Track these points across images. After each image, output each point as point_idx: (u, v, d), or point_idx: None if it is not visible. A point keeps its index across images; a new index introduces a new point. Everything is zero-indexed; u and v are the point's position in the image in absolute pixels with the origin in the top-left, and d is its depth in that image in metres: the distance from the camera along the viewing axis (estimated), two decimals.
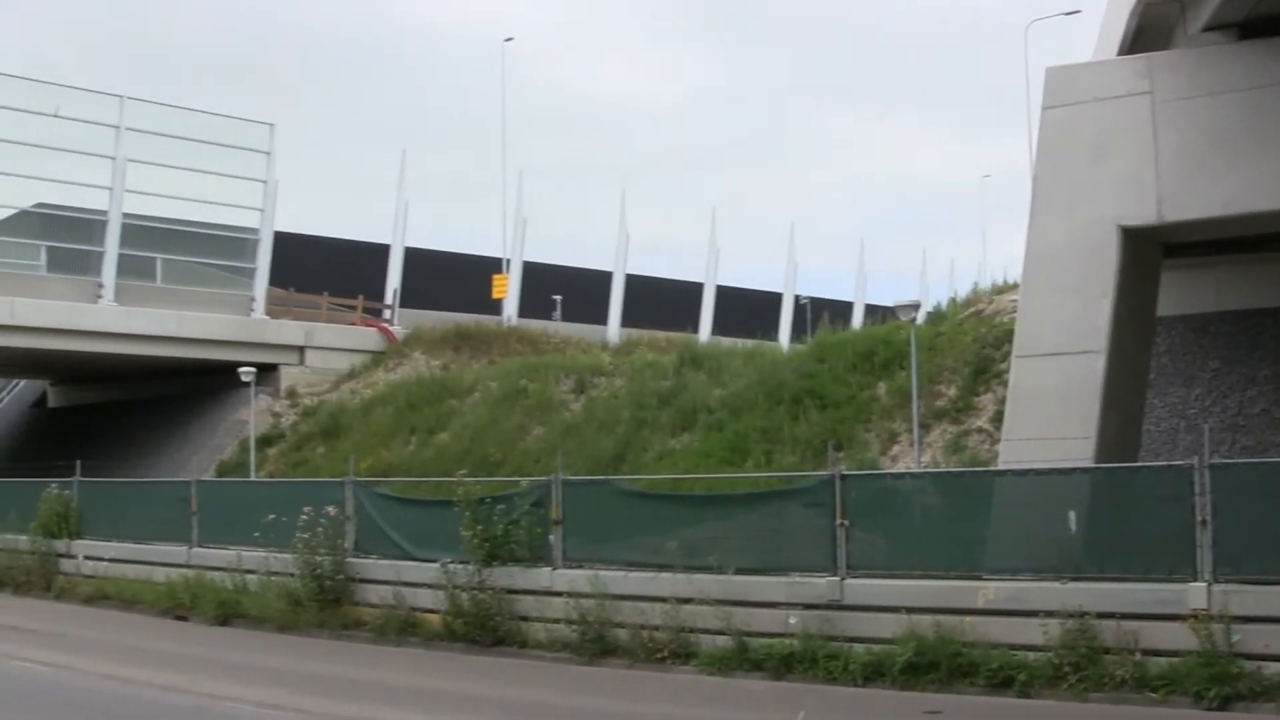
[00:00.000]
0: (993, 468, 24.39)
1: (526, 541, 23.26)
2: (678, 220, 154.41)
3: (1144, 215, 22.81)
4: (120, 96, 54.23)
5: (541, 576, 22.82)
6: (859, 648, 18.64)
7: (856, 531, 19.51)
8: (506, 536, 23.26)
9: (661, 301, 70.59)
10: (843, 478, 19.93)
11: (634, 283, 68.61)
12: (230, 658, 22.96)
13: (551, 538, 22.96)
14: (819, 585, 19.46)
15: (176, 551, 30.60)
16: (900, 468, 29.20)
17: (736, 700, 17.96)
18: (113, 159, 53.63)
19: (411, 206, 64.37)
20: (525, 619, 22.84)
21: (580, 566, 22.47)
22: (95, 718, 17.67)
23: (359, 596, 25.66)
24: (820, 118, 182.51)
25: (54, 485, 34.98)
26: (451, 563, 23.60)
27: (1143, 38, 24.40)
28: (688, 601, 20.42)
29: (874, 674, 18.18)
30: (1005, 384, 27.77)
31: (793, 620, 19.47)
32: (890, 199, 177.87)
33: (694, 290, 72.85)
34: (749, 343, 44.17)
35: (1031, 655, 17.36)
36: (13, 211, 55.14)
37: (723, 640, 19.95)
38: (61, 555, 33.83)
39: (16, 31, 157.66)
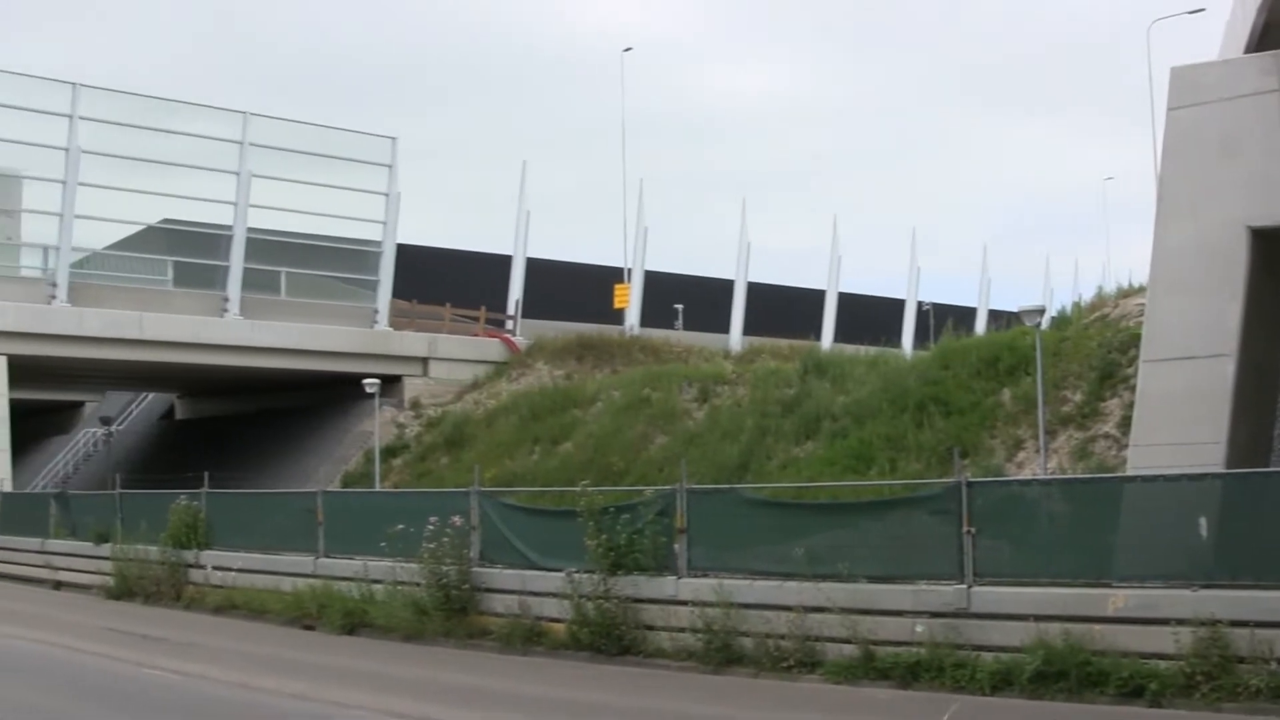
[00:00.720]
0: (1121, 473, 24.16)
1: (651, 550, 23.32)
2: (799, 227, 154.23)
3: (1273, 215, 22.50)
4: (244, 113, 55.07)
5: (666, 585, 22.87)
6: (987, 656, 18.50)
7: (983, 539, 19.36)
8: (631, 546, 23.32)
9: (783, 309, 70.53)
10: (969, 485, 19.79)
11: (755, 290, 68.66)
12: (357, 666, 23.21)
13: (676, 546, 22.98)
14: (946, 593, 19.35)
15: (303, 561, 30.95)
16: (1026, 474, 29.01)
17: (862, 709, 17.92)
18: (237, 174, 54.43)
19: (532, 217, 64.89)
20: (650, 628, 22.89)
21: (705, 575, 22.49)
22: None
23: (484, 606, 25.81)
24: (941, 122, 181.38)
25: (183, 496, 35.42)
26: (576, 572, 23.69)
27: (1270, 34, 24.06)
28: (813, 610, 20.37)
29: (1002, 683, 18.03)
30: (1132, 389, 27.54)
31: (919, 628, 19.35)
32: (1013, 203, 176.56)
33: (816, 297, 72.74)
34: (872, 350, 44.06)
35: (1163, 664, 17.14)
36: (140, 228, 56.14)
37: (849, 649, 19.88)
38: (190, 565, 34.28)
39: (143, 51, 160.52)
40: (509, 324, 62.55)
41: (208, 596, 33.04)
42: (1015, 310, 33.32)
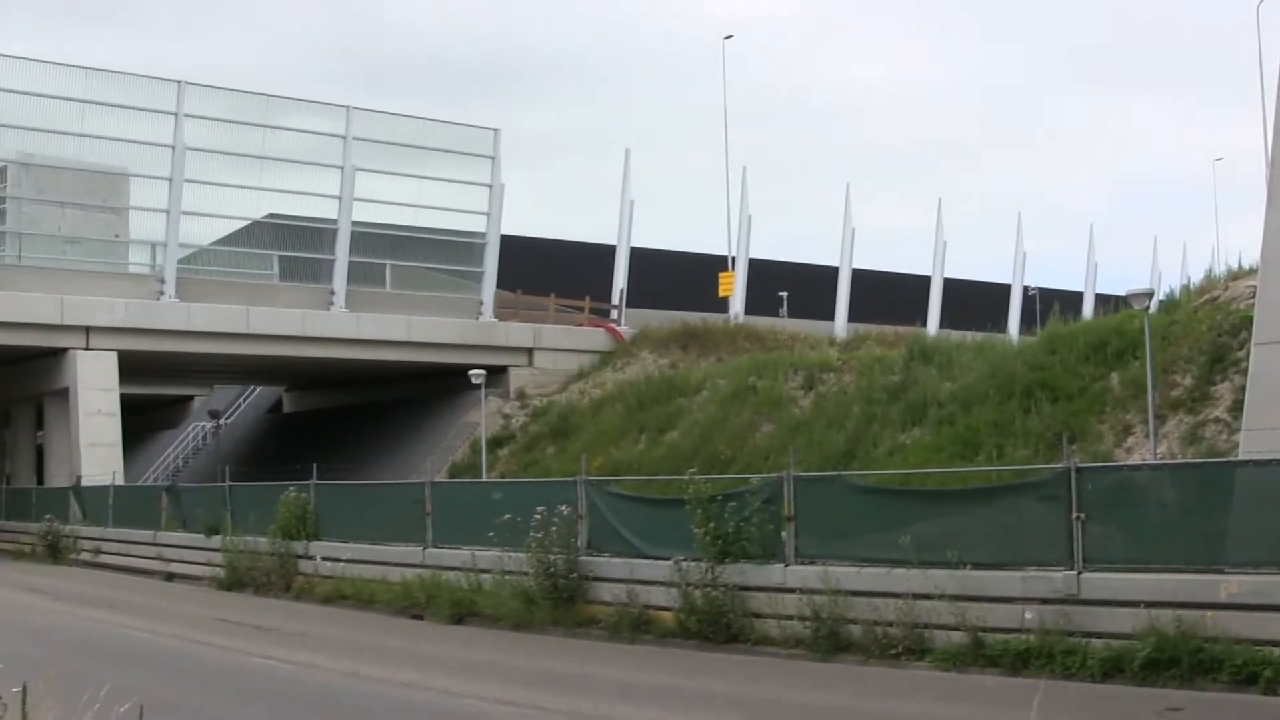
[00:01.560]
0: (1233, 458, 23.95)
1: (758, 538, 23.41)
2: (903, 213, 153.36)
3: None
4: (347, 107, 55.60)
5: (774, 573, 22.96)
6: (1097, 643, 18.42)
7: (1093, 525, 19.25)
8: (738, 533, 23.43)
9: (888, 295, 70.31)
10: (1078, 470, 19.69)
11: (860, 277, 68.51)
12: (466, 655, 23.43)
13: (784, 534, 23.05)
14: (1055, 580, 19.29)
15: (411, 552, 31.28)
16: (1135, 460, 28.79)
17: (971, 697, 17.91)
18: (341, 169, 54.90)
19: (636, 206, 65.04)
20: (758, 615, 22.98)
21: (813, 563, 22.55)
22: (336, 714, 18.16)
23: (592, 594, 26.00)
24: (1046, 105, 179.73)
25: (291, 488, 35.91)
26: (684, 560, 23.84)
27: None
28: (922, 597, 20.40)
29: (1113, 670, 17.95)
30: (1243, 372, 27.27)
31: (1029, 615, 19.31)
32: (1120, 185, 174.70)
33: (921, 283, 72.46)
34: (978, 335, 43.84)
35: (1277, 651, 16.99)
36: (246, 223, 56.81)
37: (958, 636, 19.88)
38: (300, 556, 34.77)
39: (247, 47, 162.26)
40: (613, 313, 62.77)
41: (317, 587, 33.48)
42: (1123, 294, 33.02)
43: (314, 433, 61.92)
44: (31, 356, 52.35)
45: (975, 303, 71.52)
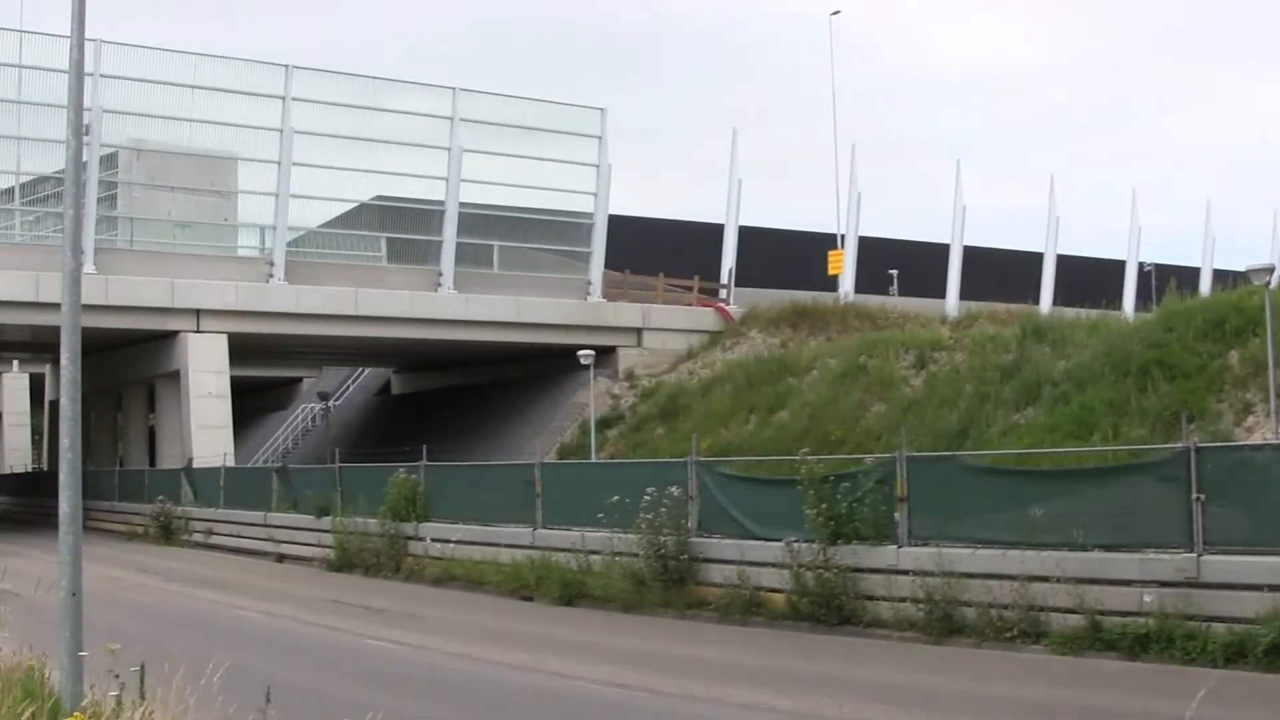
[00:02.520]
0: None
1: (871, 519, 23.33)
2: (1015, 189, 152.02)
3: None
4: (453, 88, 55.78)
5: (886, 554, 22.87)
6: (1219, 627, 18.17)
7: (1213, 506, 18.99)
8: (851, 515, 23.36)
9: (1000, 273, 69.72)
10: (1197, 450, 19.43)
11: (972, 254, 67.97)
12: (576, 637, 23.54)
13: (896, 515, 22.97)
14: (1174, 562, 19.04)
15: (521, 533, 31.43)
16: (1257, 439, 28.38)
17: (1088, 681, 17.73)
18: (448, 150, 55.14)
19: (744, 185, 64.84)
20: (870, 598, 22.91)
21: (926, 544, 22.45)
22: (447, 694, 18.29)
23: (702, 576, 26.02)
24: (1158, 78, 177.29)
25: (401, 470, 36.17)
26: (795, 541, 23.81)
27: None
28: (1037, 579, 20.24)
29: (1235, 655, 17.68)
30: None
31: (1148, 598, 19.08)
32: (1238, 159, 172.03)
33: (1033, 260, 71.74)
34: (1092, 313, 43.37)
35: None
36: (353, 205, 57.24)
37: (1074, 619, 19.69)
38: (409, 538, 35.03)
39: (354, 30, 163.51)
40: (722, 293, 62.70)
41: (427, 568, 33.74)
42: (1242, 269, 32.56)
43: (422, 414, 62.34)
44: (143, 340, 53.10)
45: (1089, 279, 70.63)
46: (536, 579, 29.27)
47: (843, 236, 64.66)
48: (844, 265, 63.23)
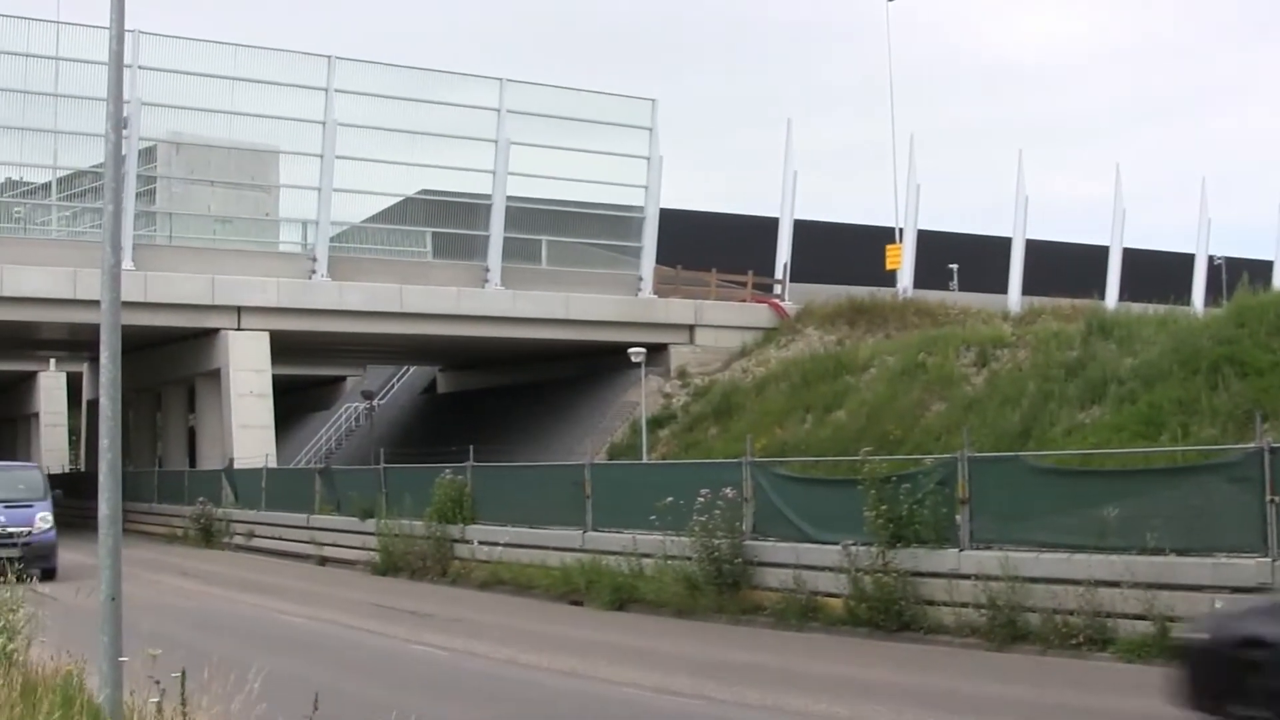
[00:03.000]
0: None
1: (931, 522, 23.24)
2: (1080, 180, 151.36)
3: None
4: (500, 79, 55.79)
5: (947, 558, 22.77)
6: None
7: None
8: (911, 517, 23.29)
9: (1064, 266, 69.27)
10: (1272, 451, 19.26)
11: (1034, 248, 67.69)
12: (627, 642, 23.54)
13: (958, 517, 22.89)
14: (1248, 567, 18.86)
15: (570, 536, 31.43)
16: None
17: (1156, 691, 17.58)
18: (495, 142, 55.18)
19: (799, 178, 64.64)
20: (931, 603, 22.82)
21: (988, 547, 22.34)
22: (495, 701, 18.31)
23: (757, 580, 25.98)
24: (1230, 64, 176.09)
25: (447, 471, 36.22)
26: (853, 544, 23.75)
27: None
28: (1104, 584, 20.10)
29: None
30: None
31: (1219, 605, 18.95)
32: None
33: (1099, 254, 71.39)
34: (1160, 308, 43.12)
35: None
36: (398, 199, 57.34)
37: (1143, 626, 19.55)
38: (456, 540, 35.05)
39: (397, 21, 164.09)
40: (777, 288, 62.56)
41: (473, 572, 33.79)
42: None
43: (469, 414, 62.45)
44: (183, 337, 53.35)
45: (1157, 273, 70.22)
46: (586, 583, 29.28)
47: (901, 230, 64.41)
48: (902, 259, 62.99)
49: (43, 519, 35.36)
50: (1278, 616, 13.77)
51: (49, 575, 31.42)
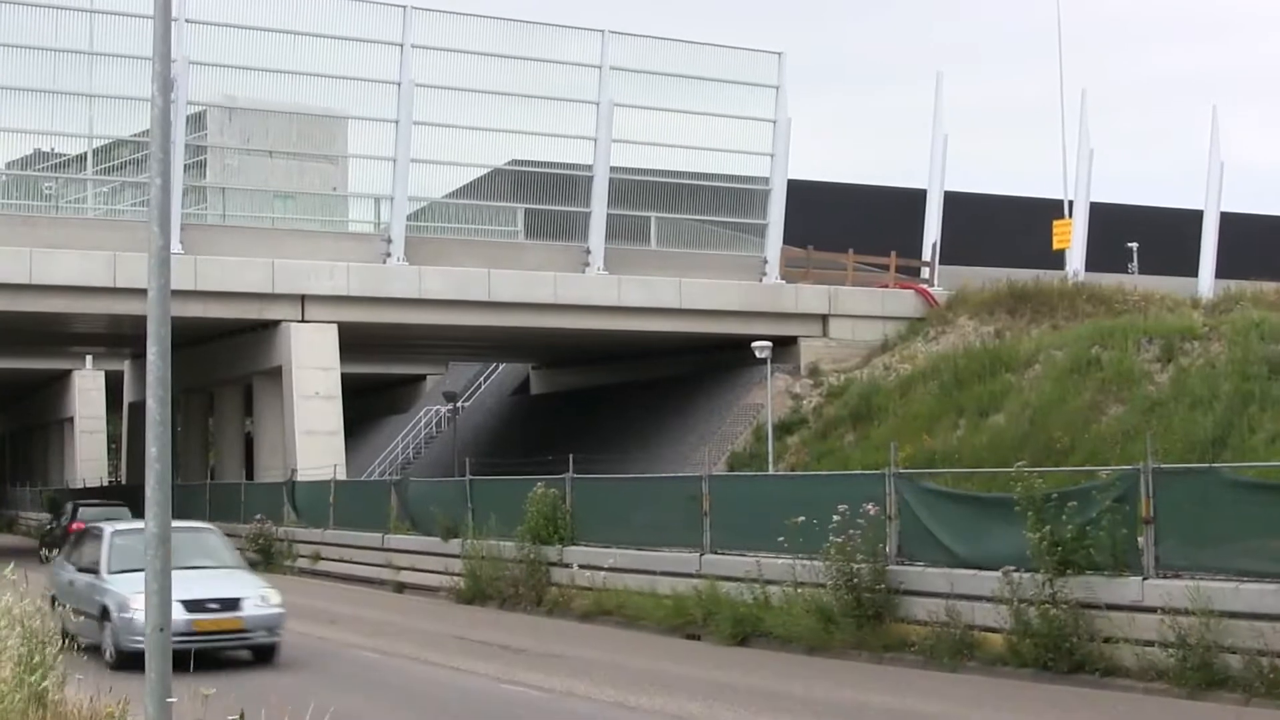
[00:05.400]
0: None
1: (1108, 545, 22.86)
2: None
3: None
4: (602, 31, 55.58)
5: (1128, 588, 22.39)
6: None
7: None
8: (1081, 539, 22.94)
9: (1267, 245, 68.54)
10: None
11: (1230, 222, 66.87)
12: (752, 683, 23.40)
13: (1140, 540, 22.51)
14: None
15: (686, 559, 31.28)
16: None
17: None
18: (596, 105, 55.02)
19: (950, 143, 64.12)
20: (1108, 640, 22.45)
21: (1178, 576, 21.93)
22: None
23: (903, 611, 25.70)
24: None
25: (540, 483, 36.17)
26: (1015, 571, 23.44)
27: None
28: None
29: None
30: None
31: None
32: None
33: None
34: None
35: None
36: (485, 171, 57.23)
37: None
38: (553, 564, 34.96)
39: None
40: (924, 272, 62.24)
41: (573, 600, 33.73)
42: None
43: (567, 418, 62.56)
44: (239, 331, 53.71)
45: None
46: (703, 614, 29.12)
47: (1071, 203, 63.90)
48: (1072, 237, 62.50)
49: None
50: None
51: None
